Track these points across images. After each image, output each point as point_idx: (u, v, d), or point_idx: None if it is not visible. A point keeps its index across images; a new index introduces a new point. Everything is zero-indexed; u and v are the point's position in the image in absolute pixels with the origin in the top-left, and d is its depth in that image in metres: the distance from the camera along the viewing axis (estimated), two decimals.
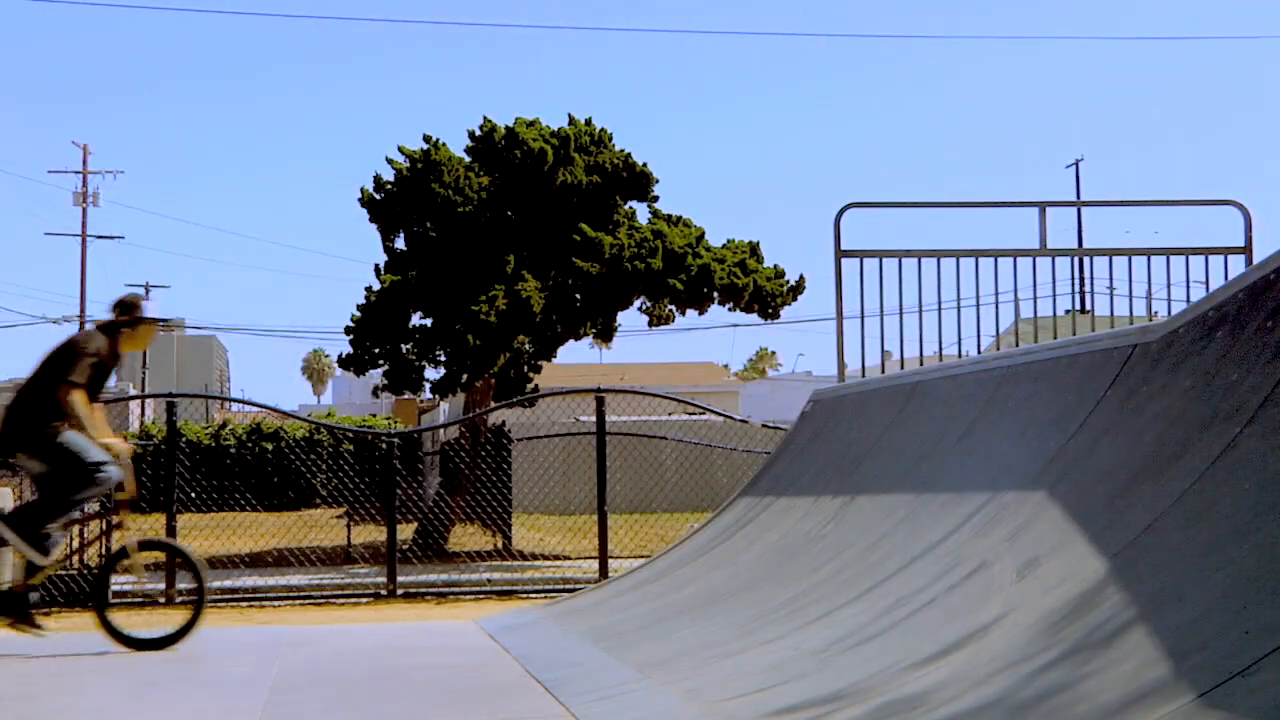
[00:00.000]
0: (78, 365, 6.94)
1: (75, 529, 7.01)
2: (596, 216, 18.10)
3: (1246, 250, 8.75)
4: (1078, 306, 17.14)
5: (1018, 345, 7.70)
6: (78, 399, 6.90)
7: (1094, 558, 3.80)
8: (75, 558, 12.63)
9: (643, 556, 12.72)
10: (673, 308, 18.51)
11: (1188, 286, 9.06)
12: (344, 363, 19.00)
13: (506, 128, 18.35)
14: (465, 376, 18.25)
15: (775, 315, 18.89)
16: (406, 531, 16.15)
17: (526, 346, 18.61)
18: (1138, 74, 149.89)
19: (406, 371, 18.53)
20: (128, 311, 7.34)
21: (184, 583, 9.47)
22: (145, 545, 7.53)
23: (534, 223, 18.11)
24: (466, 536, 18.55)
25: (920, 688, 3.63)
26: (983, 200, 15.60)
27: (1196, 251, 8.92)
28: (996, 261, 8.75)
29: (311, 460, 24.76)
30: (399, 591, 12.52)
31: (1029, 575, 4.06)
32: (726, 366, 63.74)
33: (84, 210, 44.79)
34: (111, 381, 7.47)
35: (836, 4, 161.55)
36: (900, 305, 9.33)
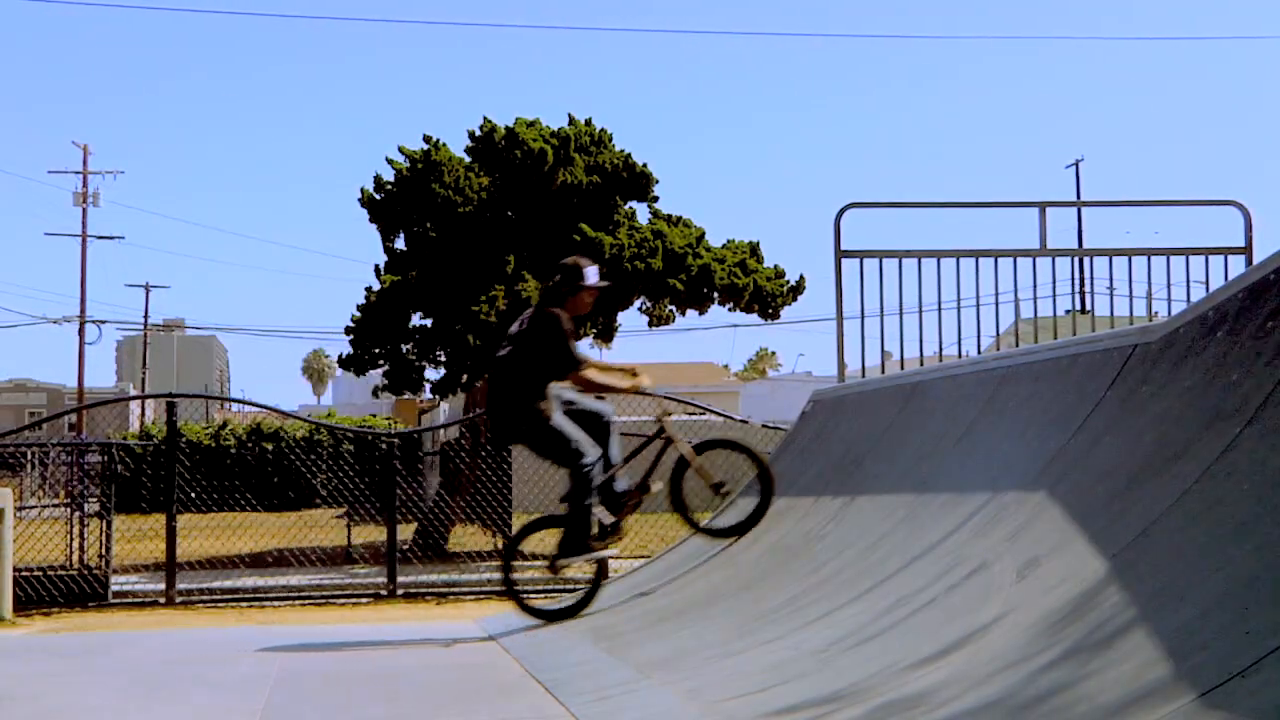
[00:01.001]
0: (575, 342, 6.94)
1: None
2: (597, 216, 18.10)
3: (1246, 250, 8.75)
4: (1078, 306, 17.16)
5: (1018, 345, 7.70)
6: (594, 372, 6.98)
7: (1094, 558, 3.80)
8: (75, 558, 12.63)
9: (643, 556, 12.71)
10: (673, 308, 18.50)
11: (1188, 286, 9.07)
12: (344, 363, 19.00)
13: (506, 128, 18.35)
14: (465, 376, 18.25)
15: (775, 315, 18.89)
16: (406, 532, 16.14)
17: None
18: (1138, 74, 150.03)
19: (407, 372, 18.53)
20: (572, 278, 7.09)
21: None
22: (703, 448, 7.36)
23: (534, 223, 18.11)
24: (466, 536, 18.54)
25: (920, 688, 3.63)
26: (983, 200, 15.62)
27: (1196, 251, 8.91)
28: (996, 261, 8.75)
29: (311, 460, 24.76)
30: (399, 591, 12.52)
31: (1029, 575, 4.06)
32: (726, 366, 63.73)
33: (84, 210, 44.83)
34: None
35: (835, 4, 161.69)
36: (900, 305, 9.34)
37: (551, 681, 5.45)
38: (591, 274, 7.12)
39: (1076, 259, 11.29)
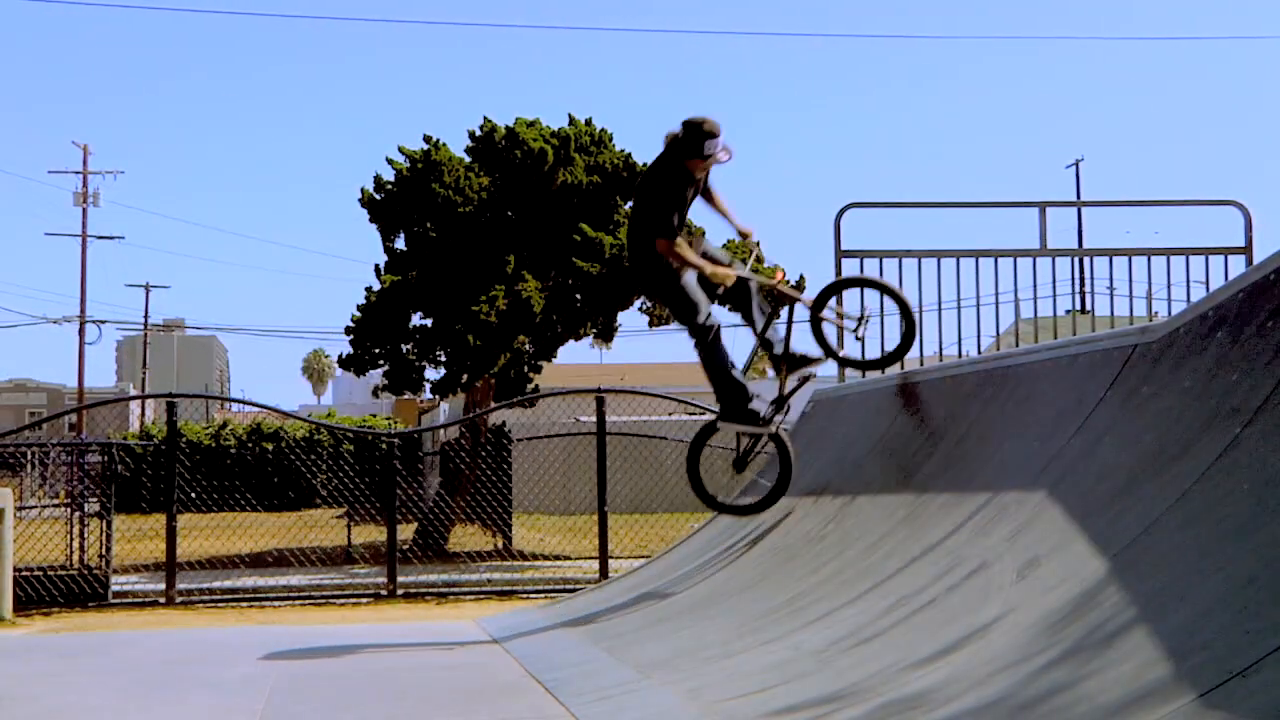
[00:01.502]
0: (675, 210, 6.72)
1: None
2: (597, 216, 18.09)
3: (1246, 250, 8.74)
4: (1078, 306, 17.16)
5: (1018, 345, 7.70)
6: (678, 251, 6.75)
7: (1094, 558, 3.80)
8: (75, 558, 12.63)
9: (643, 556, 12.72)
10: None
11: (1188, 286, 9.06)
12: (344, 363, 19.00)
13: (507, 128, 18.34)
14: (465, 377, 18.24)
15: (776, 315, 18.88)
16: (406, 532, 16.15)
17: (527, 346, 18.61)
18: (1138, 74, 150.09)
19: (407, 372, 18.53)
20: (693, 141, 6.64)
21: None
22: (826, 295, 7.31)
23: (534, 223, 18.10)
24: (466, 536, 18.55)
25: (920, 688, 3.63)
26: (983, 200, 15.61)
27: (1196, 251, 8.91)
28: (996, 261, 8.75)
29: (311, 460, 24.77)
30: (399, 591, 12.52)
31: (1029, 575, 4.06)
32: None
33: (84, 210, 44.83)
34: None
35: (835, 4, 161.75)
36: None
37: (551, 682, 5.45)
38: (711, 146, 6.67)
39: (1076, 259, 11.29)
